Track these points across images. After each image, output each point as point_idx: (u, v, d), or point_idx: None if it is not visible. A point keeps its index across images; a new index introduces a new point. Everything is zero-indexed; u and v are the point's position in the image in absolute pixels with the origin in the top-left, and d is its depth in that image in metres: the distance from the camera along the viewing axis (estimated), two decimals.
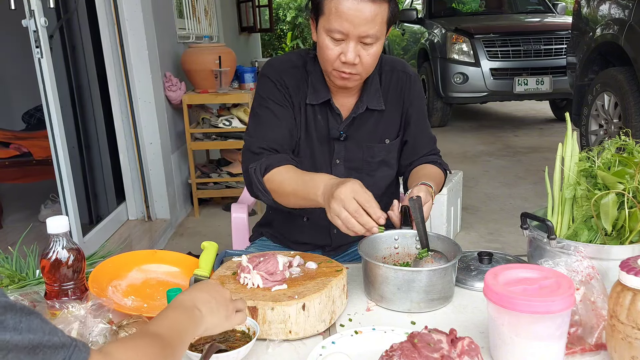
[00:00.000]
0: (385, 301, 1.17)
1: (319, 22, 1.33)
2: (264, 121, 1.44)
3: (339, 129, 1.47)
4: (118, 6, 3.42)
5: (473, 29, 6.51)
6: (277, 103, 1.44)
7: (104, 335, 0.93)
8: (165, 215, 3.83)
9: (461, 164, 5.14)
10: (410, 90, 1.52)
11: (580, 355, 0.98)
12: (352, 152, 1.50)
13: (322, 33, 1.32)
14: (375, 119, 1.50)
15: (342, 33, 1.28)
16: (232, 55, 4.29)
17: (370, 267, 1.19)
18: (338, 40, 1.30)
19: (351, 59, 1.30)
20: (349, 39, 1.29)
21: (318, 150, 1.49)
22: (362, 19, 1.26)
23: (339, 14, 1.26)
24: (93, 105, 3.62)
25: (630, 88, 3.80)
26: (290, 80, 1.46)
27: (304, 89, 1.47)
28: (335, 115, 1.47)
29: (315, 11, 1.34)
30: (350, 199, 1.13)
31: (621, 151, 1.20)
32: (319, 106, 1.47)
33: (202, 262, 1.25)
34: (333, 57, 1.33)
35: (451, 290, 1.20)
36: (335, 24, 1.28)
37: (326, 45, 1.32)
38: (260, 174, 1.35)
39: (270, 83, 1.45)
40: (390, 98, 1.51)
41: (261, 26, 8.93)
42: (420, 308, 1.16)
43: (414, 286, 1.14)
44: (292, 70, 1.47)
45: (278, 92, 1.45)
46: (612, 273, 1.07)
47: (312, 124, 1.48)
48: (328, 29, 1.30)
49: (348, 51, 1.30)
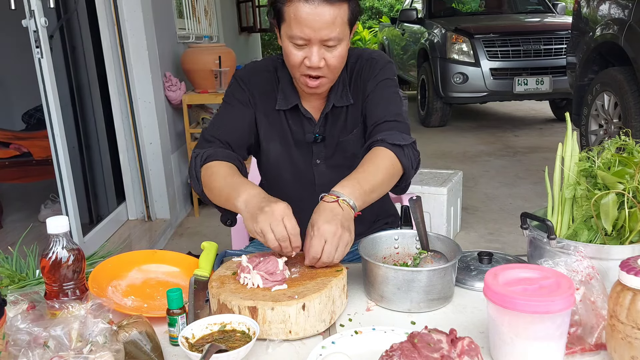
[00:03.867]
0: (385, 301, 1.17)
1: (281, 29, 1.33)
2: (224, 116, 1.47)
3: (314, 132, 1.47)
4: (118, 6, 3.42)
5: (473, 29, 6.51)
6: (240, 102, 1.46)
7: (104, 335, 0.92)
8: (165, 215, 3.83)
9: (461, 164, 5.14)
10: (369, 71, 1.46)
11: (580, 355, 0.98)
12: (330, 149, 1.51)
13: (285, 40, 1.33)
14: (344, 113, 1.49)
15: (303, 39, 1.28)
16: (232, 55, 4.29)
17: (370, 267, 1.19)
18: (301, 45, 1.30)
19: (315, 62, 1.30)
20: (311, 43, 1.29)
21: (296, 154, 1.50)
22: (322, 23, 1.26)
23: (299, 20, 1.26)
24: (93, 105, 3.62)
25: (630, 88, 3.80)
26: (259, 84, 1.47)
27: (274, 94, 1.47)
28: (307, 119, 1.47)
29: (277, 18, 1.33)
30: (279, 221, 1.12)
31: (621, 151, 1.19)
32: (289, 112, 1.47)
33: (202, 262, 1.25)
34: (298, 62, 1.33)
35: (451, 291, 1.20)
36: (296, 30, 1.28)
37: (290, 51, 1.32)
38: (200, 162, 1.35)
39: (235, 83, 1.49)
40: (354, 88, 1.48)
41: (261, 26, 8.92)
42: (420, 308, 1.16)
43: (414, 286, 1.14)
44: (264, 74, 1.49)
45: (241, 91, 1.47)
46: (612, 273, 1.07)
47: (287, 130, 1.48)
48: (290, 35, 1.30)
49: (312, 55, 1.30)
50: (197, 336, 1.03)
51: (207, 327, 1.05)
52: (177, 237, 3.77)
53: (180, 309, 1.07)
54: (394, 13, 13.34)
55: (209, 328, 1.05)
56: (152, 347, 0.98)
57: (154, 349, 0.99)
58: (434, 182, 3.39)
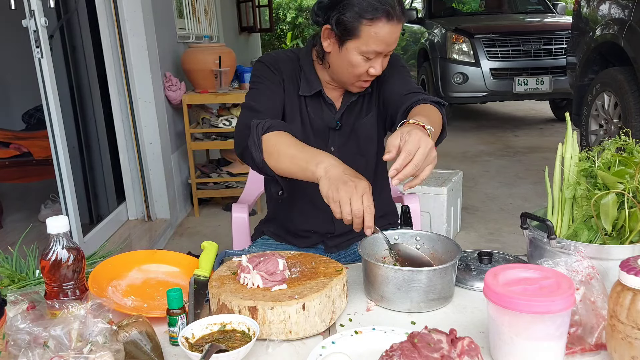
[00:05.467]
0: (385, 301, 1.17)
1: (348, 42, 1.38)
2: (262, 92, 1.49)
3: (335, 119, 1.52)
4: (118, 6, 3.42)
5: (473, 29, 6.51)
6: (272, 82, 1.50)
7: (104, 335, 0.92)
8: (165, 215, 3.83)
9: (461, 164, 5.14)
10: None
11: (580, 355, 0.98)
12: (344, 137, 1.55)
13: (352, 52, 1.39)
14: (360, 101, 1.56)
15: (378, 53, 1.38)
16: (232, 55, 4.29)
17: (370, 267, 1.19)
18: (371, 58, 1.39)
19: (380, 71, 1.42)
20: (379, 56, 1.40)
21: (312, 140, 1.52)
22: (395, 40, 1.38)
23: (380, 39, 1.35)
24: (93, 105, 3.62)
25: (630, 88, 3.80)
26: (285, 69, 1.52)
27: (297, 81, 1.53)
28: (329, 105, 1.53)
29: (343, 32, 1.38)
30: (359, 197, 1.14)
31: (621, 151, 1.19)
32: (310, 98, 1.52)
33: (202, 262, 1.25)
34: (363, 72, 1.42)
35: (451, 291, 1.20)
36: (374, 46, 1.36)
37: (358, 63, 1.40)
38: (262, 131, 1.35)
39: (265, 66, 1.52)
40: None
41: (261, 26, 8.93)
42: (420, 308, 1.16)
43: (414, 286, 1.14)
44: (286, 61, 1.54)
45: (272, 74, 1.51)
46: (612, 273, 1.07)
47: (307, 115, 1.53)
48: (364, 50, 1.37)
49: (377, 65, 1.40)
50: (197, 336, 1.04)
51: (207, 327, 1.05)
52: (177, 237, 3.77)
53: (180, 309, 1.07)
54: None
55: (209, 328, 1.05)
56: (152, 347, 0.98)
57: (154, 349, 0.99)
58: (434, 182, 3.39)
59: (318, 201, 1.25)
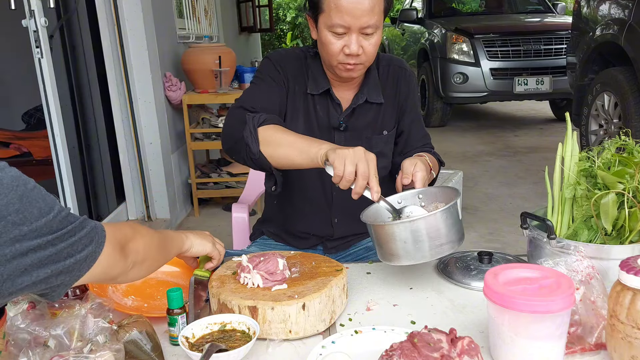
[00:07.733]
0: (397, 258, 1.16)
1: (318, 19, 1.38)
2: (259, 92, 1.49)
3: (339, 119, 1.51)
4: (118, 6, 3.42)
5: (473, 29, 6.52)
6: (274, 81, 1.49)
7: (104, 334, 0.93)
8: (165, 215, 3.83)
9: (461, 164, 5.14)
10: (406, 83, 1.58)
11: (580, 355, 0.99)
12: (351, 142, 1.51)
13: (323, 30, 1.37)
14: (374, 111, 1.54)
15: (344, 27, 1.33)
16: (232, 55, 4.29)
17: (375, 230, 1.18)
18: (340, 34, 1.35)
19: (355, 50, 1.35)
20: (350, 31, 1.34)
21: (317, 137, 1.50)
22: (362, 11, 1.31)
23: (340, 9, 1.31)
24: (93, 105, 3.62)
25: (630, 88, 3.80)
26: (291, 68, 1.51)
27: (304, 79, 1.52)
28: (335, 105, 1.52)
29: (313, 9, 1.38)
30: (366, 162, 1.15)
31: (621, 151, 1.20)
32: (318, 96, 1.51)
33: (202, 262, 1.25)
34: (337, 51, 1.37)
35: (459, 234, 1.18)
36: (336, 19, 1.32)
37: (329, 40, 1.37)
38: (257, 123, 1.35)
39: (270, 64, 1.51)
40: (388, 91, 1.56)
41: (261, 26, 8.92)
42: (432, 255, 1.15)
43: (419, 235, 1.13)
44: (294, 60, 1.53)
45: (276, 72, 1.50)
46: (612, 273, 1.07)
47: (313, 114, 1.52)
48: (330, 24, 1.34)
49: (351, 43, 1.35)
50: (197, 336, 1.04)
51: (207, 327, 1.05)
52: None
53: (181, 309, 1.07)
54: (394, 13, 13.31)
55: (209, 328, 1.05)
56: (152, 347, 0.98)
57: (154, 348, 0.99)
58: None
59: (316, 203, 1.25)
